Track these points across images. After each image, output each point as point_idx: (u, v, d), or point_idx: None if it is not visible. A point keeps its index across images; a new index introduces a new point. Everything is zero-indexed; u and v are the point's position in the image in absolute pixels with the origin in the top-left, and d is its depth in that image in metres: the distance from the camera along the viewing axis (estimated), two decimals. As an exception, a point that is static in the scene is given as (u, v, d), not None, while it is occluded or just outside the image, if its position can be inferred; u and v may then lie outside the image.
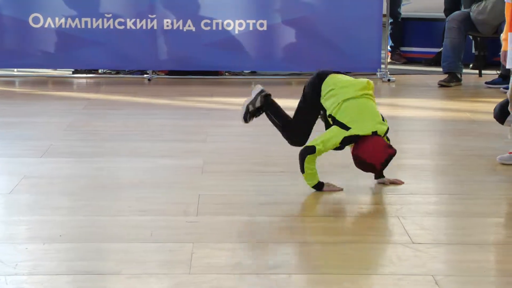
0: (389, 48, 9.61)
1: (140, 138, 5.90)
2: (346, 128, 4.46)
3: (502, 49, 5.27)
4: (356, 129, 4.44)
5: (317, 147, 4.45)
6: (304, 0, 8.32)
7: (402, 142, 5.98)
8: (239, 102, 5.06)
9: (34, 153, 5.40)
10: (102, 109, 7.02)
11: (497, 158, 5.19)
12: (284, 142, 4.83)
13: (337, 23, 8.34)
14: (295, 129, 4.70)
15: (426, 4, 10.09)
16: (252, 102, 4.77)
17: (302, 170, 4.51)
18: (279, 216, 4.28)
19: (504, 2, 5.26)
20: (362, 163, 4.47)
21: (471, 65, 9.02)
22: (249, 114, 4.79)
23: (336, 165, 5.07)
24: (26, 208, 4.32)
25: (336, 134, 4.47)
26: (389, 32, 9.42)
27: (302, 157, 4.49)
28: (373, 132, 4.45)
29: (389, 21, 9.31)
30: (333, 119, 4.52)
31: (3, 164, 5.22)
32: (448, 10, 8.87)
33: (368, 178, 4.82)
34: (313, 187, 4.56)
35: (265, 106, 4.77)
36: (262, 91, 4.77)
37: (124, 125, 6.35)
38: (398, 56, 9.67)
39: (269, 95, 4.80)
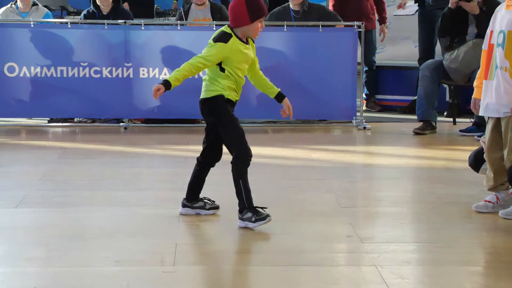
0: (364, 96, 9.70)
1: (116, 187, 5.87)
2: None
3: (473, 96, 5.30)
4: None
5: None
6: (279, 49, 8.39)
7: (377, 190, 6.00)
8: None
9: (8, 203, 5.35)
10: (77, 158, 6.99)
11: (473, 207, 5.22)
12: (259, 190, 4.84)
13: (312, 71, 8.41)
14: (236, 139, 4.75)
15: (399, 52, 10.22)
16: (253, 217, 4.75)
17: None
18: (256, 266, 4.26)
19: (476, 51, 5.33)
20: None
21: (445, 113, 9.11)
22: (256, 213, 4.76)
23: (312, 213, 5.07)
24: (0, 260, 4.26)
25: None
26: (364, 80, 9.52)
27: None
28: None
29: (364, 69, 9.41)
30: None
31: (-23, 215, 5.17)
32: (422, 60, 8.99)
33: (345, 226, 4.81)
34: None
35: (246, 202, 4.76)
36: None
37: (100, 174, 6.32)
38: (373, 103, 9.75)
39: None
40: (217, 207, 5.09)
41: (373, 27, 9.62)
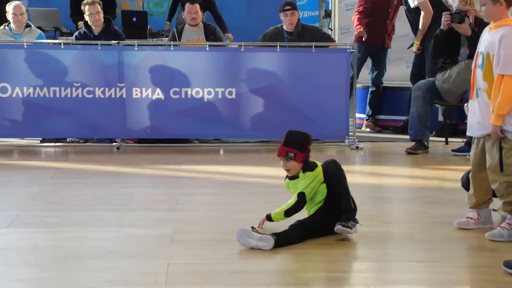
0: (366, 116, 9.73)
1: (108, 207, 5.86)
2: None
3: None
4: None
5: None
6: (272, 69, 8.41)
7: (369, 210, 6.00)
8: (208, 170, 5.10)
9: (0, 223, 5.33)
10: (69, 178, 6.97)
11: (455, 223, 5.28)
12: (252, 210, 4.83)
13: (305, 92, 8.43)
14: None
15: (392, 73, 10.26)
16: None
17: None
18: (248, 285, 4.25)
19: (468, 72, 5.36)
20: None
21: (433, 132, 9.10)
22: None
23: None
24: (-9, 280, 4.26)
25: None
26: (368, 100, 9.60)
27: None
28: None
29: (370, 90, 9.54)
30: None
31: (-32, 235, 5.15)
32: (414, 77, 9.05)
33: (337, 245, 4.81)
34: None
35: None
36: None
37: (92, 194, 6.31)
38: (373, 124, 9.75)
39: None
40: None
41: (389, 46, 9.72)
